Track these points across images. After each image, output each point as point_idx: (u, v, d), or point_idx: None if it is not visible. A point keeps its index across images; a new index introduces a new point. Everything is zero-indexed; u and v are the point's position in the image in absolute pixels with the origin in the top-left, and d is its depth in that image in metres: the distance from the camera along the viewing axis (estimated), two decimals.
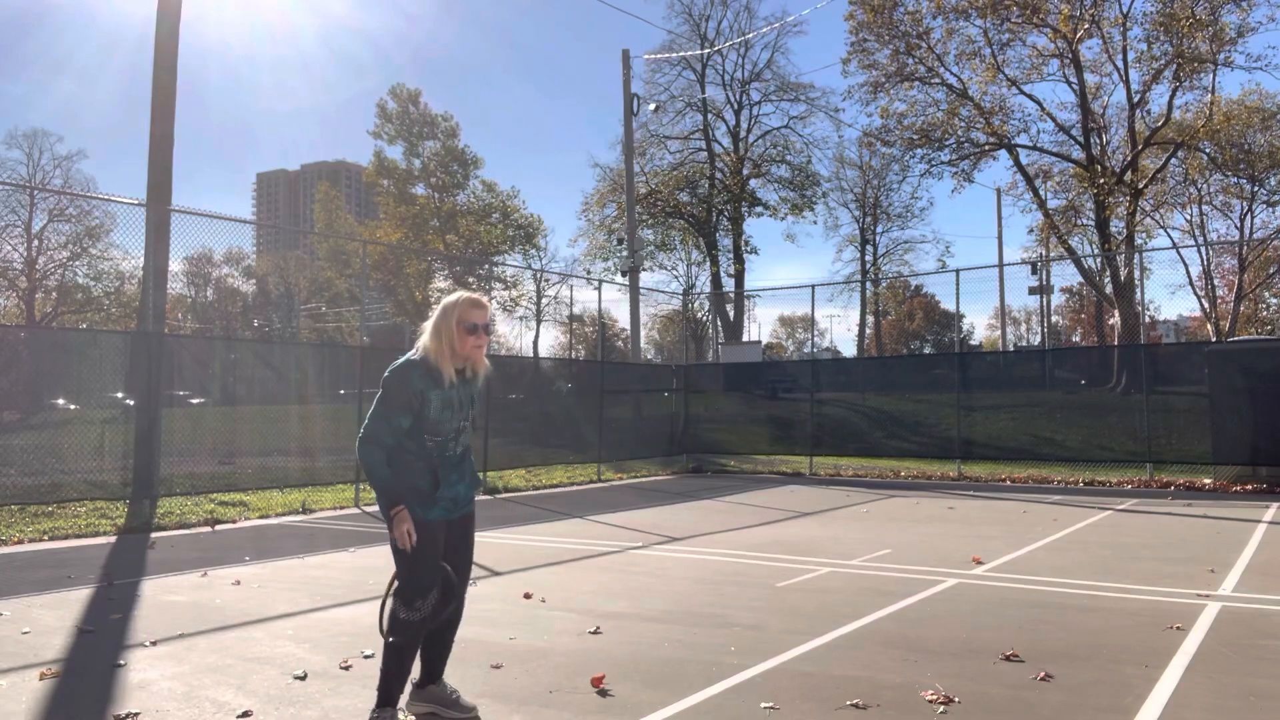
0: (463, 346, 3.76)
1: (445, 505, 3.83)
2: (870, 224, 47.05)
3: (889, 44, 26.92)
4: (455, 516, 3.90)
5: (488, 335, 3.86)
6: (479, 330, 3.79)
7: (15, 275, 39.83)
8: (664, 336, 50.17)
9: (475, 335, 3.78)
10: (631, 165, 26.16)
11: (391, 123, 40.40)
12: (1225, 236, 39.22)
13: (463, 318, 3.76)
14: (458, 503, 3.89)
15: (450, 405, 3.79)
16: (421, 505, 3.75)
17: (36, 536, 9.69)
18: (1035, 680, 4.44)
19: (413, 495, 3.74)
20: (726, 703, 4.16)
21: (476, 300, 3.83)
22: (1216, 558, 7.94)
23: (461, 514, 3.94)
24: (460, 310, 3.77)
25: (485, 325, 3.83)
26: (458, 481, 3.88)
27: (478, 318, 3.79)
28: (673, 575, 7.39)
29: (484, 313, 3.84)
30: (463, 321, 3.75)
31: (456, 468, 3.88)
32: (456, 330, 3.74)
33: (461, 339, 3.75)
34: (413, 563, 3.72)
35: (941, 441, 18.07)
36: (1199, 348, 17.75)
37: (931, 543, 9.01)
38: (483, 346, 3.83)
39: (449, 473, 3.84)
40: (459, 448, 3.89)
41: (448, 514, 3.85)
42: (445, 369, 3.74)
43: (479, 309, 3.81)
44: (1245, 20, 23.64)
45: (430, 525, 3.77)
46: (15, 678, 4.63)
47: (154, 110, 12.38)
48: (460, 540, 3.96)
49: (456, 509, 3.89)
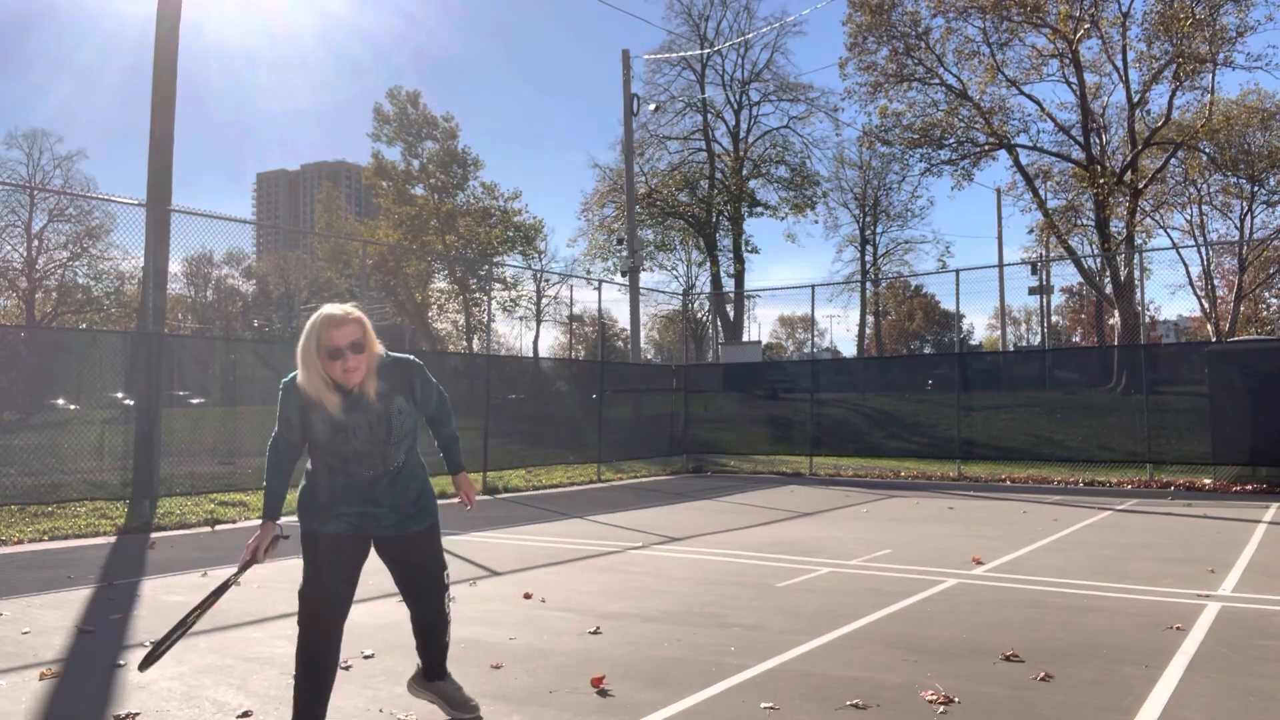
0: (331, 373, 3.35)
1: (351, 519, 3.53)
2: (870, 224, 47.07)
3: (887, 44, 26.92)
4: (379, 534, 3.59)
5: (358, 354, 3.36)
6: (344, 354, 3.32)
7: (15, 275, 39.84)
8: (664, 336, 50.15)
9: (341, 360, 3.32)
10: (631, 165, 26.17)
11: (389, 125, 40.41)
12: (1225, 236, 39.26)
13: (322, 344, 3.32)
14: (369, 518, 3.55)
15: (344, 429, 3.43)
16: (317, 517, 3.52)
17: (36, 536, 9.69)
18: (1035, 680, 4.44)
19: (309, 510, 3.53)
20: (726, 703, 4.16)
21: (334, 318, 3.34)
22: (1216, 558, 7.94)
23: (389, 534, 3.60)
24: (318, 335, 3.33)
25: (353, 344, 3.33)
26: (365, 502, 3.54)
27: (339, 339, 3.31)
28: (673, 575, 7.39)
29: (347, 331, 3.33)
30: (323, 348, 3.32)
31: (366, 490, 3.53)
32: (319, 359, 3.33)
33: (327, 366, 3.33)
34: (306, 571, 3.49)
35: (941, 442, 18.07)
36: (1199, 348, 17.76)
37: (931, 543, 9.01)
38: (357, 369, 3.37)
39: (350, 494, 3.52)
40: (372, 473, 3.52)
41: (355, 527, 3.53)
42: (324, 398, 3.37)
43: (339, 328, 3.32)
44: (1244, 20, 23.68)
45: (328, 537, 3.50)
46: (15, 678, 4.63)
47: (154, 110, 12.37)
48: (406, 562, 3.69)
49: (371, 525, 3.56)
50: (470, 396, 17.51)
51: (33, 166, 43.32)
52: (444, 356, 28.19)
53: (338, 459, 3.47)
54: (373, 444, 3.47)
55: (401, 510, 3.61)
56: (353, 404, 3.43)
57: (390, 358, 3.55)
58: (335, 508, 3.52)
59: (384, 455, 3.51)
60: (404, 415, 3.54)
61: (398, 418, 3.52)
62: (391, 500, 3.58)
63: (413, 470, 3.66)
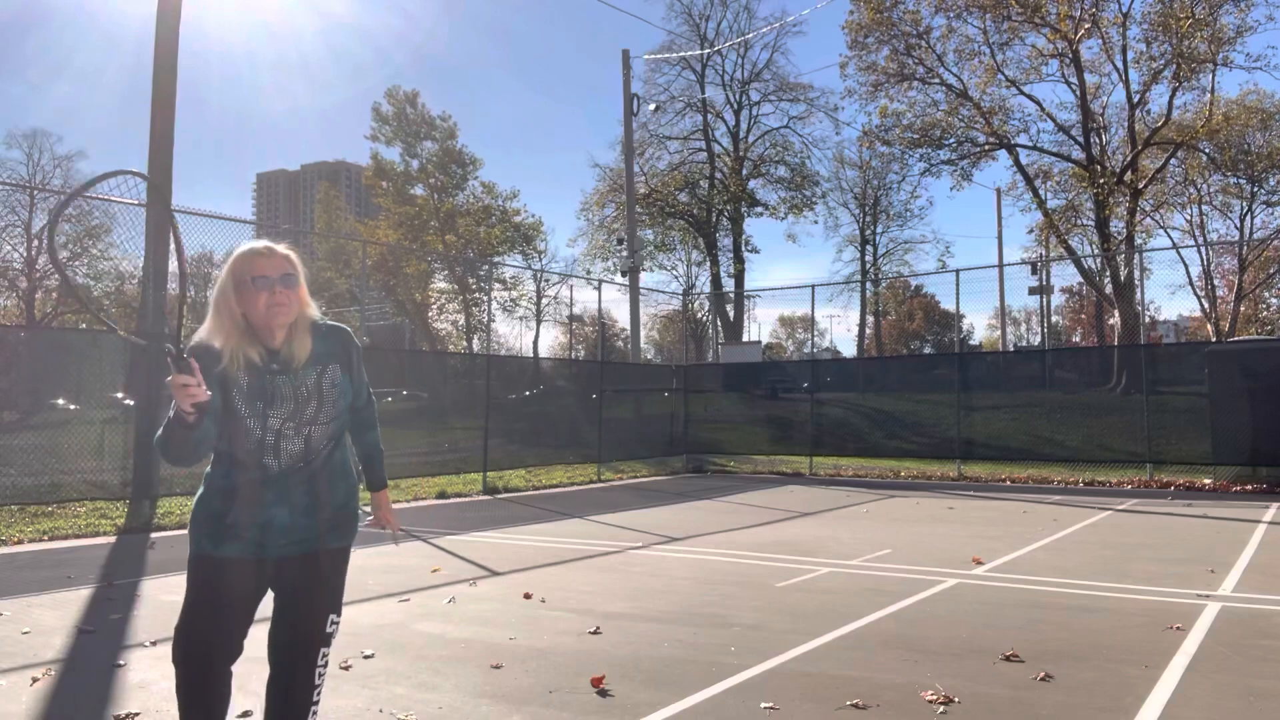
0: (255, 311, 2.71)
1: (251, 536, 2.76)
2: (870, 224, 47.08)
3: (888, 43, 26.94)
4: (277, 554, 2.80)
5: (289, 289, 2.74)
6: (271, 284, 2.71)
7: (15, 275, 39.84)
8: (664, 336, 50.16)
9: (269, 291, 2.70)
10: (631, 165, 26.18)
11: (388, 125, 40.41)
12: (1225, 236, 39.27)
13: (244, 273, 2.71)
14: (275, 533, 2.78)
15: (263, 395, 2.75)
16: (211, 535, 2.77)
17: (36, 536, 9.69)
18: (1035, 680, 4.44)
19: (204, 522, 2.79)
20: (726, 703, 4.16)
21: (262, 248, 2.76)
22: (1216, 558, 7.94)
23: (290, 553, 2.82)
24: (238, 267, 2.72)
25: (282, 277, 2.73)
26: (275, 503, 2.78)
27: (266, 268, 2.71)
28: (673, 575, 7.38)
29: (275, 261, 2.74)
30: (244, 279, 2.71)
31: (278, 486, 2.80)
32: (239, 293, 2.71)
33: (249, 302, 2.70)
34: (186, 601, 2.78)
35: (941, 442, 18.07)
36: (1199, 348, 17.77)
37: (931, 543, 9.01)
38: (285, 305, 2.72)
39: (264, 491, 2.78)
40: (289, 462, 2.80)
41: (255, 549, 2.77)
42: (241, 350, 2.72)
43: (266, 258, 2.73)
44: (1244, 20, 23.69)
45: (219, 563, 2.75)
46: (15, 678, 4.63)
47: (154, 110, 12.37)
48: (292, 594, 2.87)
49: (273, 542, 2.79)
50: (470, 396, 17.52)
51: (33, 166, 43.33)
52: (444, 356, 28.20)
53: (250, 442, 2.75)
54: (297, 421, 2.79)
55: (320, 517, 2.85)
56: (279, 365, 2.77)
57: (325, 323, 2.92)
58: (236, 518, 2.77)
59: (308, 439, 2.82)
60: (338, 390, 2.87)
61: (330, 390, 2.85)
62: (310, 501, 2.84)
63: (340, 467, 2.94)
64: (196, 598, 2.77)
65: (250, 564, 2.78)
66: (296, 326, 2.79)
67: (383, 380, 17.79)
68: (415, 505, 12.99)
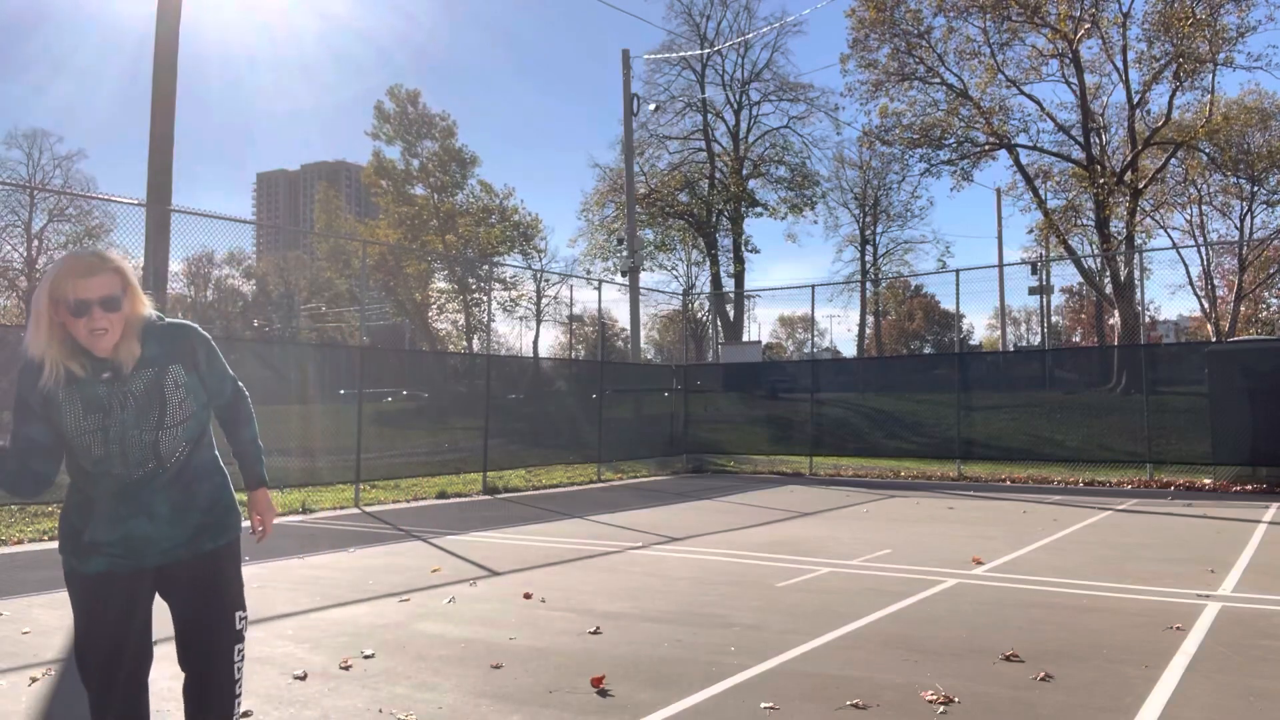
0: (78, 334, 2.56)
1: (113, 549, 2.64)
2: (870, 224, 47.04)
3: (889, 42, 26.96)
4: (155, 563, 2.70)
5: (111, 312, 2.56)
6: (89, 309, 2.52)
7: (15, 275, 39.84)
8: (664, 336, 50.14)
9: (86, 317, 2.53)
10: (631, 165, 26.17)
11: (389, 123, 40.42)
12: (1225, 236, 39.26)
13: (60, 296, 2.53)
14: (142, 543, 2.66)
15: (98, 408, 2.60)
16: (75, 552, 2.65)
17: (36, 536, 9.69)
18: (1035, 680, 4.44)
19: (66, 539, 2.69)
20: (726, 703, 4.16)
21: (81, 265, 2.55)
22: (1216, 558, 7.94)
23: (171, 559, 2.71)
24: (53, 287, 2.53)
25: (105, 299, 2.54)
26: (131, 516, 2.65)
27: (85, 290, 2.51)
28: (673, 575, 7.39)
29: (99, 282, 2.54)
30: (61, 303, 2.53)
31: (134, 498, 2.65)
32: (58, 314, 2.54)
33: (69, 325, 2.55)
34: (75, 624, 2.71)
35: (941, 442, 18.08)
36: (1199, 348, 17.77)
37: (931, 543, 9.01)
38: (107, 330, 2.56)
39: (116, 505, 2.64)
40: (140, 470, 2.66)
41: (120, 561, 2.65)
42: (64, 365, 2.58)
43: (88, 276, 2.53)
44: (1245, 20, 23.69)
45: (88, 579, 2.64)
46: (15, 678, 4.63)
47: (154, 110, 12.37)
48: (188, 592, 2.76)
49: (143, 553, 2.67)
50: (470, 396, 17.52)
51: (33, 166, 43.31)
52: (444, 356, 28.21)
53: (94, 456, 2.62)
54: (141, 428, 2.64)
55: (187, 522, 2.73)
56: (109, 374, 2.63)
57: (165, 322, 2.76)
58: (93, 534, 2.64)
59: (156, 444, 2.66)
60: (184, 390, 2.72)
61: (175, 392, 2.69)
62: (172, 509, 2.70)
63: (203, 468, 2.80)
64: (81, 616, 2.68)
65: (122, 577, 2.67)
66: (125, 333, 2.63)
67: (383, 380, 17.79)
68: (415, 505, 13.00)
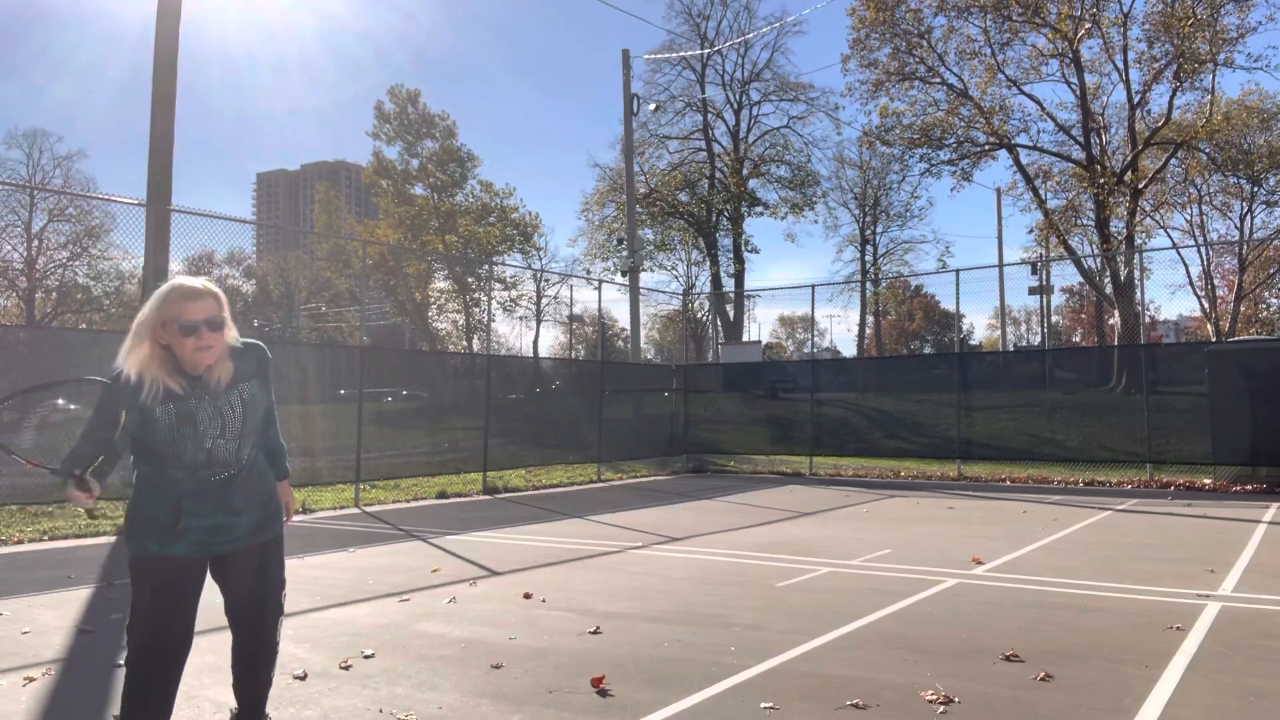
0: (182, 352, 2.94)
1: (198, 536, 3.04)
2: (870, 224, 47.05)
3: (890, 42, 26.95)
4: (224, 549, 3.11)
5: (215, 332, 2.97)
6: (198, 329, 2.92)
7: (15, 275, 39.84)
8: (664, 336, 50.15)
9: (195, 336, 2.92)
10: (631, 165, 26.17)
11: (389, 123, 40.42)
12: (1225, 236, 39.26)
13: (170, 317, 2.92)
14: (219, 532, 3.09)
15: (191, 422, 2.99)
16: (157, 539, 3.00)
17: (36, 536, 9.69)
18: (1035, 680, 4.44)
19: (148, 528, 3.02)
20: (726, 703, 4.16)
21: (190, 289, 2.94)
22: (1216, 558, 7.94)
23: (236, 547, 3.13)
24: (165, 308, 2.92)
25: (209, 321, 2.95)
26: (215, 511, 3.07)
27: (194, 313, 2.92)
28: (673, 575, 7.39)
29: (203, 305, 2.94)
30: (170, 322, 2.92)
31: (216, 495, 3.08)
32: (164, 334, 2.93)
33: (177, 344, 2.93)
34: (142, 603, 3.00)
35: (941, 441, 18.07)
36: (1199, 348, 17.76)
37: (931, 543, 9.01)
38: (212, 349, 2.97)
39: (201, 501, 3.04)
40: (221, 471, 3.07)
41: (204, 548, 3.06)
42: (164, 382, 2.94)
43: (193, 301, 2.93)
44: (1245, 21, 23.69)
45: (168, 561, 3.00)
46: (15, 677, 4.63)
47: (154, 110, 12.36)
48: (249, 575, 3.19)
49: (219, 540, 3.09)
50: (470, 396, 17.51)
51: (33, 166, 43.27)
52: (444, 356, 28.20)
53: (184, 461, 3.00)
54: (227, 437, 3.06)
55: (253, 516, 3.17)
56: (201, 391, 3.02)
57: (241, 341, 3.16)
58: (184, 523, 3.01)
59: (238, 451, 3.11)
60: (257, 404, 3.16)
61: (250, 405, 3.12)
62: (246, 504, 3.14)
63: (261, 468, 3.26)
64: (151, 598, 2.98)
65: (195, 562, 3.06)
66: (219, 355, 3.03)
67: (383, 380, 17.79)
68: (415, 505, 13.00)
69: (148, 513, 3.02)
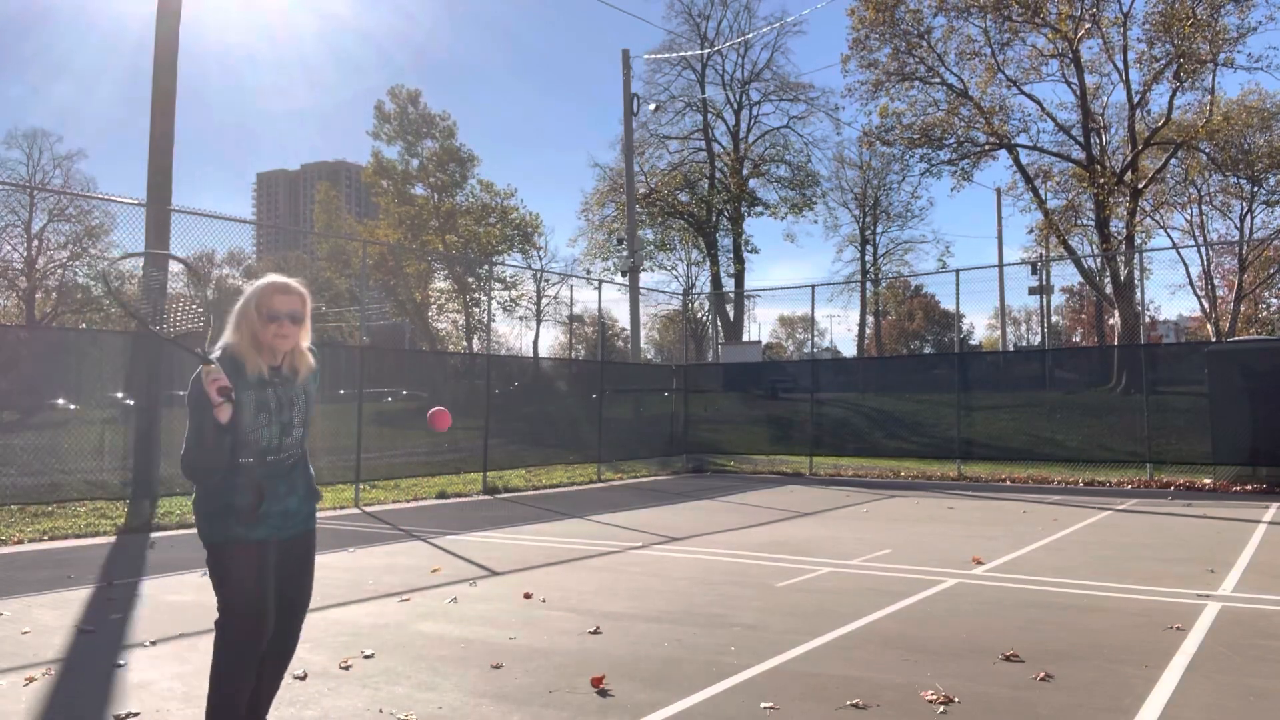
0: (264, 335, 3.32)
1: (274, 521, 3.33)
2: (870, 224, 47.04)
3: (890, 42, 26.94)
4: (288, 535, 3.39)
5: (295, 324, 3.36)
6: (280, 319, 3.32)
7: (15, 275, 39.84)
8: (664, 336, 50.14)
9: (277, 323, 3.32)
10: (631, 165, 26.16)
11: (390, 123, 40.42)
12: (1225, 236, 39.26)
13: (262, 305, 3.33)
14: (289, 517, 3.38)
15: (267, 408, 3.31)
16: (242, 523, 3.26)
17: (36, 536, 9.69)
18: (1035, 680, 4.44)
19: (230, 513, 3.27)
20: (726, 703, 4.16)
21: (282, 285, 3.37)
22: (1216, 558, 7.94)
23: (295, 533, 3.42)
24: (260, 297, 3.34)
25: (291, 314, 3.34)
26: (287, 494, 3.38)
27: (280, 305, 3.33)
28: (673, 575, 7.39)
29: (290, 300, 3.35)
30: (262, 308, 3.32)
31: (285, 478, 3.39)
32: (255, 318, 3.32)
33: (262, 327, 3.32)
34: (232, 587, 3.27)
35: (941, 441, 18.07)
36: (1199, 348, 17.77)
37: (931, 543, 9.01)
38: (288, 337, 3.35)
39: (276, 484, 3.35)
40: (287, 456, 3.39)
41: (278, 531, 3.35)
42: (250, 362, 3.31)
43: (284, 295, 3.35)
44: (1245, 21, 23.67)
45: (254, 546, 3.28)
46: (15, 677, 4.63)
47: (154, 110, 12.37)
48: (297, 566, 3.45)
49: (288, 525, 3.39)
50: (470, 396, 17.51)
51: (33, 166, 43.27)
52: (444, 356, 28.20)
53: (260, 446, 3.30)
54: (292, 424, 3.39)
55: (310, 501, 3.50)
56: (278, 380, 3.36)
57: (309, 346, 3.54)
58: (263, 507, 3.30)
59: (300, 439, 3.45)
60: (311, 397, 3.50)
61: (310, 400, 3.49)
62: (305, 489, 3.47)
63: (307, 459, 3.55)
64: (248, 578, 3.25)
65: (272, 545, 3.33)
66: (298, 350, 3.42)
67: (383, 380, 17.78)
68: (415, 505, 13.00)
69: (226, 500, 3.26)
